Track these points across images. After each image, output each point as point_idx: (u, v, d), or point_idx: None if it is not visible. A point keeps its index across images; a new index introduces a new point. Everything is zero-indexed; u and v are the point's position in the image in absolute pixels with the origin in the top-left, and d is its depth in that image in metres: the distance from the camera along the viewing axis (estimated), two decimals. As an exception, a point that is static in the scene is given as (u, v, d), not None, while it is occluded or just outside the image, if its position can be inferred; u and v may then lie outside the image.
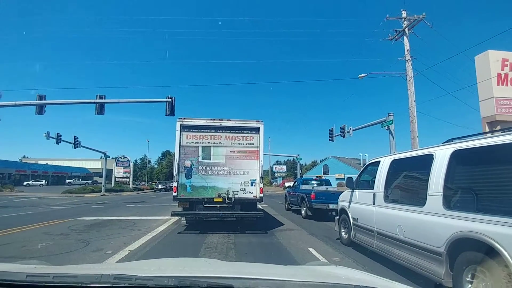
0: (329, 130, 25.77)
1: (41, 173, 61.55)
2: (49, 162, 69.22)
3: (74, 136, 27.74)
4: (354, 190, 6.46)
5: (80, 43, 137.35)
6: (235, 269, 1.48)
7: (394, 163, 5.29)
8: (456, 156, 3.72)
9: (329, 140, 25.80)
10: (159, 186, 42.49)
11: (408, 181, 4.99)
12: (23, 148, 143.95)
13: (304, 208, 11.51)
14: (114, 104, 19.95)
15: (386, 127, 17.94)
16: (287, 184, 34.07)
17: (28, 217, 11.10)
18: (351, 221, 6.36)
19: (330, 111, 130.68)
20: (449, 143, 4.06)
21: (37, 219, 10.57)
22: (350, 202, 6.55)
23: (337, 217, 7.24)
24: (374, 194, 5.48)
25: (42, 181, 54.16)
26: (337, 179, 45.52)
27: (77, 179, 62.54)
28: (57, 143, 25.58)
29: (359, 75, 18.77)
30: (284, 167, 62.53)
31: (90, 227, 8.95)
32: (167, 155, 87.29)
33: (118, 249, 6.07)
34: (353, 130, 22.97)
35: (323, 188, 12.43)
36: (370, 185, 5.89)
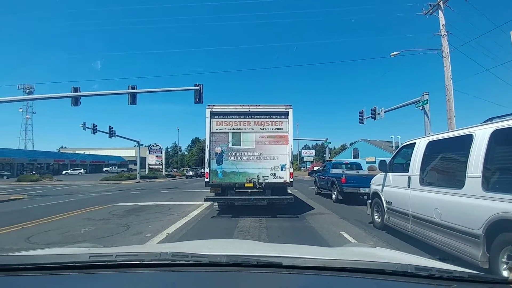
0: (359, 113, 24.93)
1: (79, 162, 65.56)
2: (86, 152, 73.72)
3: (109, 126, 29.25)
4: (388, 173, 6.28)
5: (111, 35, 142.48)
6: (279, 249, 1.52)
7: (431, 144, 5.05)
8: (496, 136, 3.54)
9: (359, 122, 25.02)
10: (190, 173, 43.95)
11: (445, 163, 4.78)
12: (61, 139, 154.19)
13: (335, 192, 11.40)
14: (145, 94, 20.62)
15: (421, 107, 17.02)
16: (315, 169, 33.73)
17: (69, 204, 11.91)
18: (384, 204, 6.23)
19: (360, 93, 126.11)
20: (488, 122, 3.85)
21: (78, 205, 11.32)
22: (383, 185, 6.39)
23: (369, 201, 7.13)
24: (409, 177, 5.31)
25: (80, 169, 58.02)
26: (367, 162, 44.16)
27: (113, 167, 66.22)
28: (93, 133, 27.14)
29: (391, 53, 17.83)
30: (313, 151, 61.80)
31: (129, 212, 9.54)
32: (196, 142, 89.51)
33: (157, 232, 6.44)
34: (384, 112, 22.04)
35: (354, 171, 12.20)
36: (404, 168, 5.70)
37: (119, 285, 1.02)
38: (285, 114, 8.33)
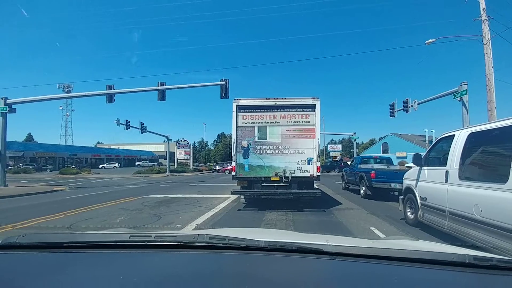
0: (390, 105, 23.95)
1: (114, 156, 69.21)
2: (120, 147, 77.52)
3: (141, 122, 30.47)
4: (423, 168, 5.98)
5: (142, 33, 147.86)
6: (317, 237, 1.49)
7: (472, 136, 4.72)
8: None
9: (390, 115, 24.05)
10: (217, 167, 44.73)
11: (487, 156, 4.46)
12: (97, 135, 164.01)
13: (363, 188, 11.08)
14: (173, 90, 21.17)
15: (459, 98, 15.98)
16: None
17: (106, 195, 12.61)
18: (419, 200, 5.95)
19: (390, 85, 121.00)
20: None
21: (113, 197, 11.96)
22: (417, 180, 6.09)
23: (402, 197, 6.84)
24: (446, 172, 5.01)
25: (115, 163, 61.17)
26: (398, 157, 42.42)
27: (144, 161, 69.03)
28: (126, 128, 28.41)
29: (426, 41, 16.85)
30: (339, 146, 60.32)
31: (160, 203, 9.92)
32: (222, 137, 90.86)
33: (186, 223, 6.65)
34: (418, 104, 20.97)
35: (384, 166, 11.76)
36: (441, 161, 5.39)
37: (157, 264, 1.05)
38: (312, 107, 8.18)
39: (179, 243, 1.16)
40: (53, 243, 1.20)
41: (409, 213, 6.48)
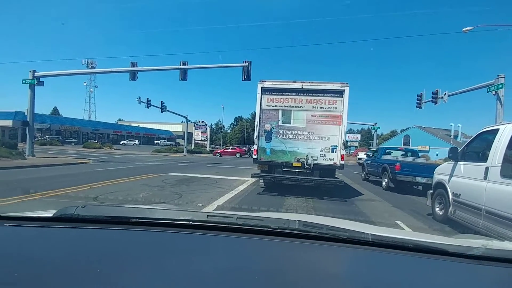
0: (418, 96, 22.94)
1: (134, 134, 71.10)
2: (140, 125, 79.34)
3: (161, 101, 30.77)
4: (458, 163, 5.63)
5: (165, 12, 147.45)
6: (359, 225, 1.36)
7: (520, 131, 4.35)
8: None
9: (417, 107, 23.08)
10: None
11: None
12: (118, 112, 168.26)
13: (386, 180, 10.74)
14: (193, 71, 21.09)
15: (494, 92, 15.05)
16: (360, 155, 32.22)
17: (128, 171, 12.94)
18: (450, 196, 5.65)
19: (416, 76, 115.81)
20: None
21: (135, 172, 12.25)
22: (451, 175, 5.77)
23: (431, 191, 6.54)
24: (486, 168, 4.67)
25: (135, 141, 62.91)
26: (420, 151, 41.16)
27: (163, 140, 70.49)
28: (147, 107, 28.78)
29: (464, 29, 15.78)
30: (358, 136, 58.85)
31: (180, 181, 10.04)
32: (239, 120, 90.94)
33: (207, 202, 6.67)
34: (448, 96, 19.93)
35: (409, 159, 11.31)
36: (481, 157, 5.05)
37: (240, 248, 0.98)
38: (340, 93, 7.85)
39: (267, 229, 1.04)
40: (119, 217, 1.11)
41: (437, 209, 6.20)
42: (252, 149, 9.09)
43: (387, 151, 13.10)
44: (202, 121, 49.51)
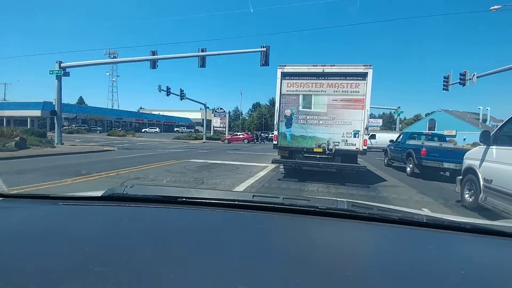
0: (444, 77, 21.87)
1: (155, 122, 72.88)
2: (161, 113, 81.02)
3: (180, 89, 31.15)
4: (490, 147, 5.33)
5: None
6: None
7: None
8: None
9: (443, 89, 22.06)
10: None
11: None
12: (139, 100, 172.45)
13: (410, 165, 10.40)
14: (211, 58, 21.07)
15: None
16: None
17: (151, 157, 13.31)
18: (481, 182, 5.39)
19: (443, 57, 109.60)
20: None
21: (157, 159, 12.57)
22: (482, 160, 5.48)
23: (460, 177, 6.27)
24: (523, 152, 4.40)
25: (156, 128, 64.49)
26: (446, 136, 39.47)
27: (183, 127, 71.86)
28: (167, 95, 29.27)
29: (492, 7, 14.64)
30: (380, 120, 57.38)
31: (201, 168, 10.21)
32: (257, 107, 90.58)
33: (229, 188, 6.74)
34: (477, 77, 18.81)
35: (436, 144, 10.85)
36: (517, 141, 4.74)
37: (287, 227, 0.97)
38: (363, 75, 7.56)
39: (314, 209, 1.03)
40: (167, 197, 1.14)
41: (467, 196, 5.95)
42: (266, 135, 9.02)
43: (412, 135, 12.60)
44: (221, 108, 49.78)
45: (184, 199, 1.10)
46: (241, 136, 37.30)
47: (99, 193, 1.15)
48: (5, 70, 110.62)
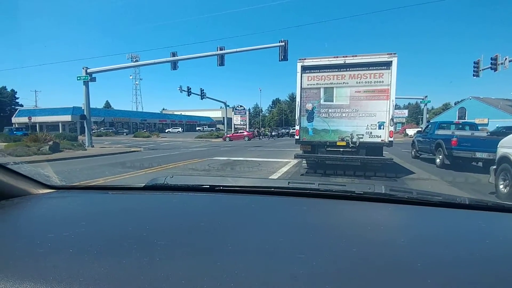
0: (474, 63, 20.73)
1: (177, 122, 74.66)
2: (182, 113, 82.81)
3: (201, 89, 31.70)
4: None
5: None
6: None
7: None
8: None
9: (474, 75, 20.94)
10: (272, 133, 45.04)
11: None
12: (162, 101, 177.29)
13: (440, 156, 9.96)
14: (230, 56, 21.18)
15: None
16: (409, 132, 30.18)
17: (176, 157, 13.68)
18: (519, 171, 5.08)
19: (472, 41, 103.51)
20: None
21: (182, 158, 12.93)
22: (519, 148, 5.17)
23: (494, 167, 5.94)
24: None
25: (179, 128, 66.08)
26: (478, 124, 37.33)
27: (204, 126, 73.07)
28: (188, 95, 29.91)
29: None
30: (405, 111, 55.19)
31: (224, 165, 10.36)
32: (277, 103, 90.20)
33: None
34: (510, 61, 17.65)
35: (467, 133, 10.32)
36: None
37: (325, 212, 0.98)
38: (387, 64, 7.31)
39: (350, 194, 1.03)
40: (206, 185, 1.19)
41: (501, 187, 5.64)
42: (287, 131, 8.97)
43: (442, 125, 12.03)
44: (241, 106, 50.03)
45: (221, 187, 1.14)
46: (242, 133, 37.22)
47: (142, 184, 1.23)
48: (35, 79, 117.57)
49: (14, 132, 27.98)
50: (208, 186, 1.17)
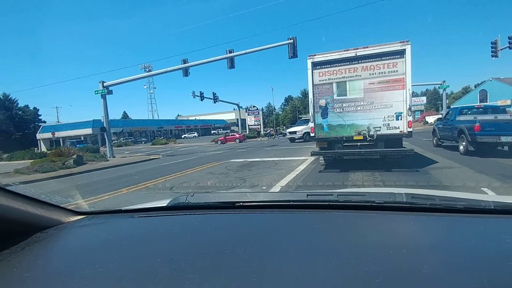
0: (492, 43, 19.93)
1: (193, 127, 75.89)
2: (197, 118, 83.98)
3: (213, 92, 32.17)
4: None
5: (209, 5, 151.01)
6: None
7: None
8: None
9: (492, 56, 20.14)
10: (286, 131, 44.84)
11: None
12: (176, 108, 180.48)
13: (463, 143, 9.60)
14: (240, 57, 21.25)
15: None
16: (429, 119, 29.21)
17: (193, 161, 13.93)
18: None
19: (487, 20, 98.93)
20: None
21: (199, 162, 13.12)
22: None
23: None
24: None
25: (194, 133, 67.13)
26: (500, 106, 35.61)
27: (219, 129, 73.78)
28: (201, 100, 30.39)
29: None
30: (423, 98, 53.31)
31: (241, 167, 10.43)
32: (289, 100, 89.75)
33: (271, 185, 6.82)
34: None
35: (490, 117, 9.91)
36: None
37: (345, 223, 0.98)
38: (400, 53, 7.13)
39: (370, 204, 1.02)
40: (226, 202, 1.23)
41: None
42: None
43: (463, 110, 11.58)
44: (254, 106, 50.08)
45: (241, 203, 1.16)
46: (234, 136, 37.03)
47: (164, 203, 1.27)
48: (56, 96, 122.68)
49: (77, 145, 28.51)
50: (227, 204, 1.20)
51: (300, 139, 22.72)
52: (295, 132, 23.78)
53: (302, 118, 30.97)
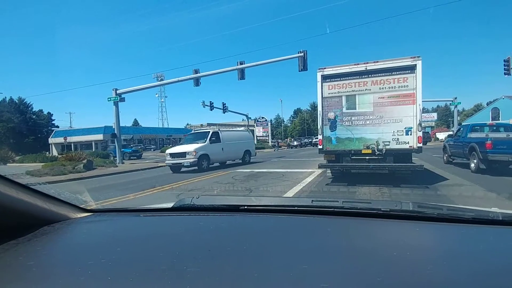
0: (505, 61, 19.79)
1: (201, 136, 76.34)
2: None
3: (223, 103, 32.63)
4: None
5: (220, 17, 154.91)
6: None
7: None
8: None
9: (505, 73, 20.07)
10: (295, 143, 44.81)
11: None
12: (186, 116, 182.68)
13: (475, 161, 9.42)
14: (250, 69, 21.57)
15: None
16: (439, 136, 28.84)
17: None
18: None
19: (501, 37, 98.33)
20: None
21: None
22: None
23: None
24: None
25: (204, 142, 67.44)
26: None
27: (227, 139, 74.08)
28: (211, 109, 30.80)
29: None
30: (434, 114, 52.92)
31: (248, 177, 10.43)
32: (298, 113, 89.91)
33: (277, 196, 6.80)
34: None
35: (503, 135, 9.73)
36: None
37: (349, 230, 0.97)
38: (411, 68, 7.14)
39: (376, 212, 1.01)
40: (230, 205, 1.24)
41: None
42: (310, 140, 8.89)
43: (474, 127, 11.42)
44: (262, 117, 50.47)
45: (246, 207, 1.17)
46: None
47: (170, 205, 1.30)
48: (70, 101, 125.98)
49: (123, 150, 28.43)
50: (232, 206, 1.21)
51: (192, 166, 12.99)
52: (182, 155, 13.22)
53: (196, 131, 18.99)
